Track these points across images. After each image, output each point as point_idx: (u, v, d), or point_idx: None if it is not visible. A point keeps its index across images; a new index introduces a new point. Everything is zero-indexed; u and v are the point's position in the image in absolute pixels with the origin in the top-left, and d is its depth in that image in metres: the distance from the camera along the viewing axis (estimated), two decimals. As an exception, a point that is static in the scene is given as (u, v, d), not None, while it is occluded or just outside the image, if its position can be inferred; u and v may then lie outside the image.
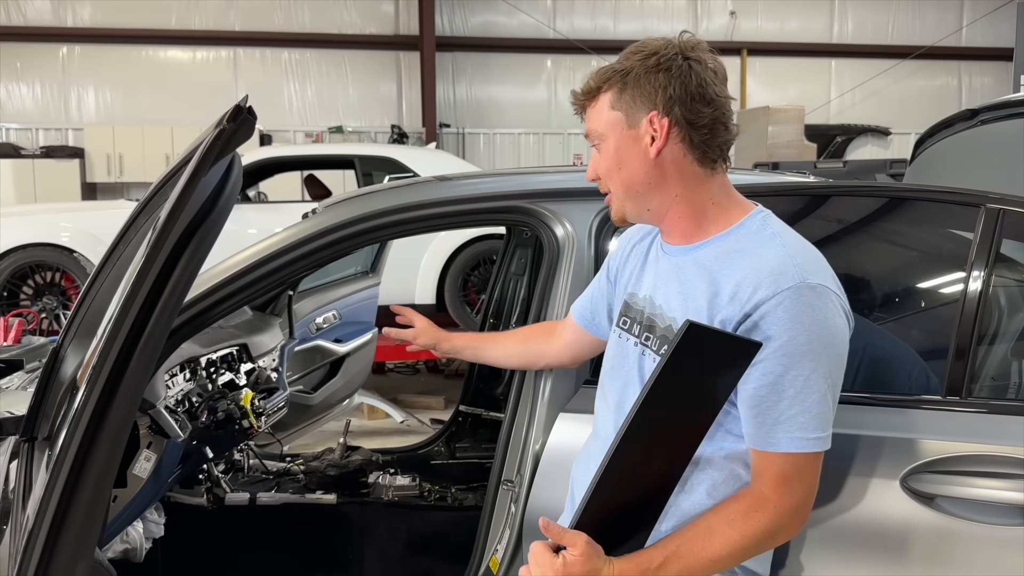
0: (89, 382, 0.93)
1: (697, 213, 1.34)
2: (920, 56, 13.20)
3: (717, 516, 1.23)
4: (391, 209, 2.00)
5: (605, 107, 1.33)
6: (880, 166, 8.14)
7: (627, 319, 1.45)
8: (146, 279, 0.92)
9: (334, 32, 12.14)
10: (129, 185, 11.30)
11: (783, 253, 1.25)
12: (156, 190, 1.34)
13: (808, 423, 1.21)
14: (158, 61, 11.96)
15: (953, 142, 3.33)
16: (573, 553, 1.14)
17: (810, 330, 1.19)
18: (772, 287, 1.20)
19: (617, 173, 1.35)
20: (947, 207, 1.74)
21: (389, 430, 6.25)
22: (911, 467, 1.48)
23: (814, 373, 1.20)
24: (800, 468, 1.23)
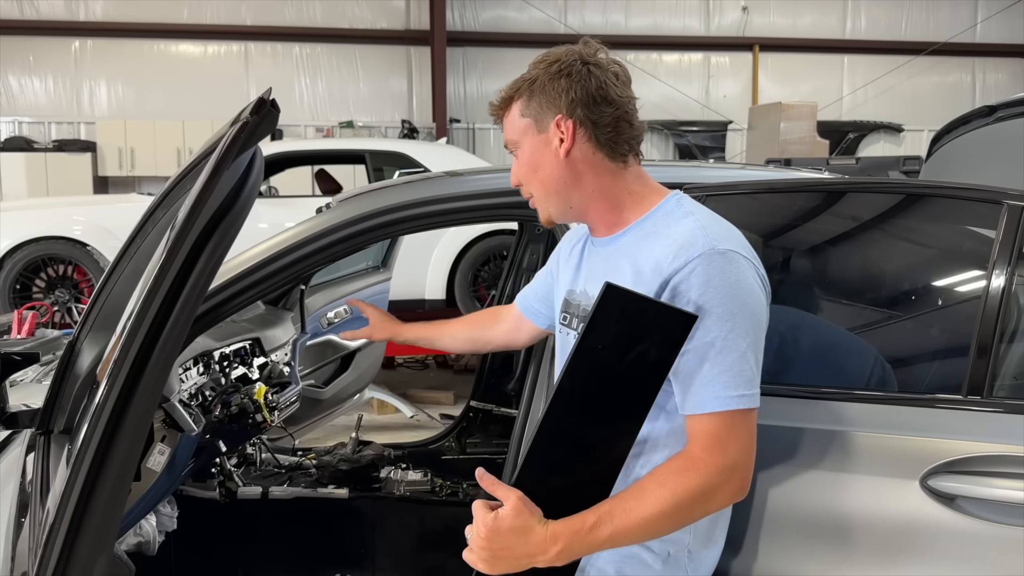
0: (110, 376, 0.93)
1: (615, 205, 1.42)
2: (934, 52, 13.11)
3: (650, 478, 1.26)
4: (404, 204, 2.00)
5: (516, 115, 1.42)
6: (893, 163, 8.07)
7: (567, 315, 1.52)
8: (168, 273, 0.91)
9: (345, 27, 12.14)
10: (141, 179, 11.33)
11: (694, 226, 1.32)
12: (175, 183, 1.34)
13: (731, 381, 1.25)
14: (170, 55, 11.98)
15: (970, 139, 3.30)
16: (505, 508, 1.18)
17: (723, 293, 1.25)
18: (684, 257, 1.28)
19: (534, 176, 1.42)
20: (967, 204, 1.72)
21: (399, 425, 6.25)
22: (931, 467, 1.46)
23: (731, 333, 1.25)
24: (730, 427, 1.25)
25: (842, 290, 1.99)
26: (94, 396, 0.96)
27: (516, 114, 1.42)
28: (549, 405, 1.17)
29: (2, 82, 11.72)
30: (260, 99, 0.98)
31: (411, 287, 6.60)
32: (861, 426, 1.54)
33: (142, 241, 1.39)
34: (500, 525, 1.17)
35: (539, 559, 1.19)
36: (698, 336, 1.24)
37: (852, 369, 1.78)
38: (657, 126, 12.81)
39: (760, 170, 2.52)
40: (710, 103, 13.12)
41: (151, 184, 11.03)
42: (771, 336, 1.36)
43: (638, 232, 1.39)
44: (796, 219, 2.04)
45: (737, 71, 13.30)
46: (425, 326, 2.10)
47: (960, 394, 1.53)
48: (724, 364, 1.25)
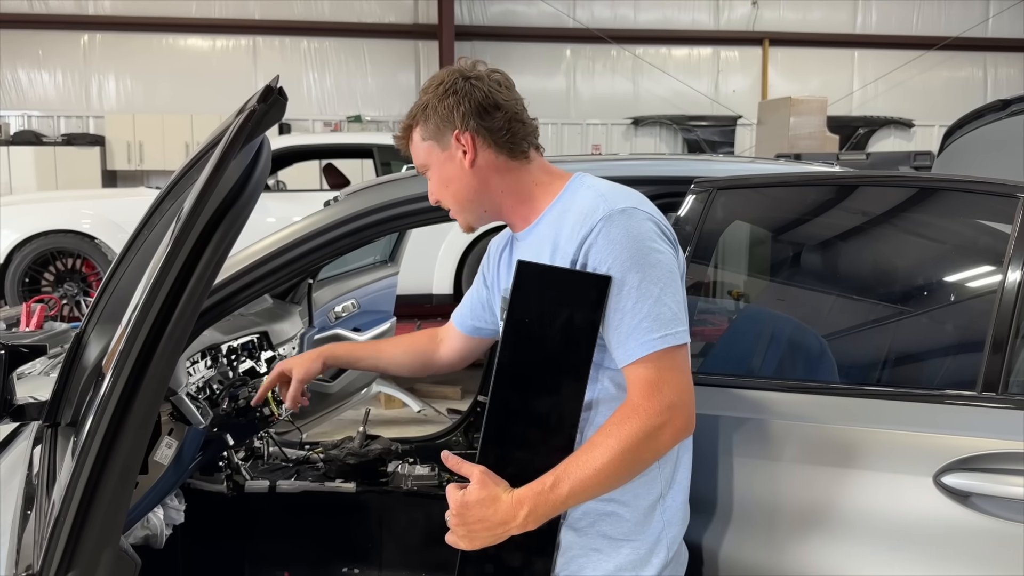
0: (116, 369, 0.92)
1: (526, 198, 1.50)
2: (945, 47, 13.02)
3: (598, 432, 1.32)
4: (412, 198, 1.99)
5: (419, 140, 1.51)
6: (904, 158, 8.01)
7: (503, 311, 1.54)
8: (174, 265, 0.90)
9: (353, 21, 12.13)
10: (149, 173, 11.36)
11: (594, 195, 1.40)
12: (182, 174, 1.33)
13: (651, 325, 1.32)
14: (178, 49, 12.00)
15: (983, 133, 3.28)
16: (471, 483, 1.30)
17: (627, 246, 1.33)
18: (589, 223, 1.35)
19: (447, 191, 1.51)
20: (982, 198, 1.70)
21: (406, 419, 6.25)
22: (945, 464, 1.45)
23: (644, 282, 1.32)
24: (660, 368, 1.32)
25: (855, 285, 1.97)
26: (100, 388, 0.95)
27: (418, 139, 1.51)
28: (493, 382, 1.24)
29: (11, 76, 11.76)
30: (267, 87, 0.97)
31: (419, 281, 6.60)
32: (874, 422, 1.52)
33: (148, 233, 1.38)
34: (468, 499, 1.29)
35: (512, 526, 1.28)
36: (614, 292, 1.32)
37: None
38: (666, 121, 12.76)
39: (771, 164, 2.50)
40: (719, 98, 13.06)
41: (159, 178, 11.06)
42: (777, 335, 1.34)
43: (550, 216, 1.47)
44: (807, 213, 2.02)
45: (746, 66, 13.24)
46: (360, 347, 2.16)
47: (975, 390, 1.51)
48: (643, 312, 1.32)
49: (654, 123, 12.80)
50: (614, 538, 1.41)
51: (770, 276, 2.21)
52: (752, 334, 1.95)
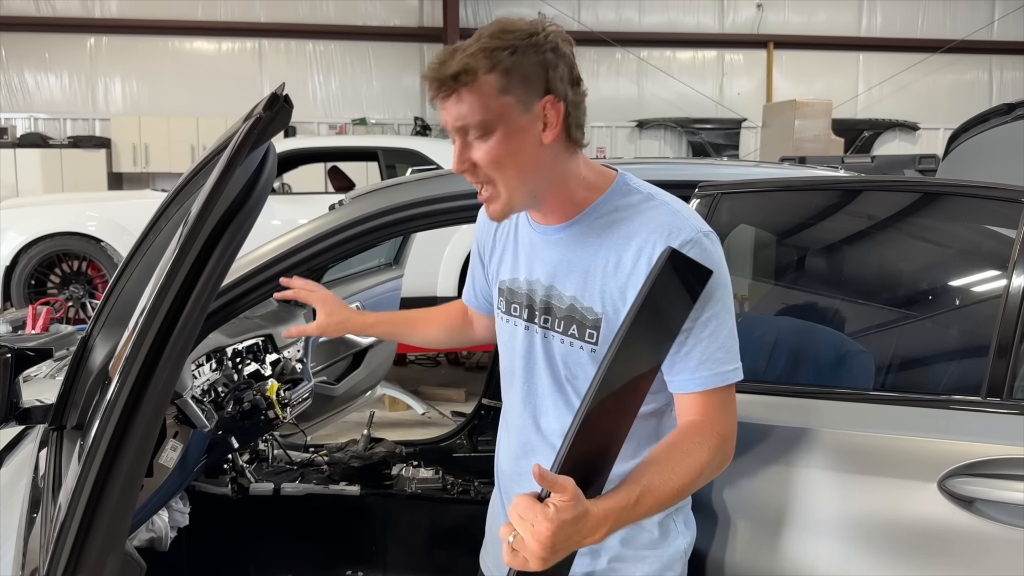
0: (122, 373, 0.92)
1: (574, 191, 1.35)
2: (950, 50, 12.99)
3: (675, 449, 1.24)
4: (418, 201, 2.00)
5: (491, 92, 1.22)
6: (909, 161, 7.99)
7: (514, 304, 1.45)
8: (180, 269, 0.91)
9: (358, 24, 12.16)
10: (154, 175, 11.40)
11: (668, 210, 1.31)
12: (188, 179, 1.33)
13: (725, 357, 1.29)
14: (184, 52, 12.04)
15: (988, 137, 3.27)
16: (563, 498, 1.07)
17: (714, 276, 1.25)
18: (675, 242, 1.25)
19: (510, 163, 1.26)
20: (987, 203, 1.69)
21: (410, 422, 6.25)
22: (949, 469, 1.44)
23: (721, 311, 1.28)
24: (725, 399, 1.30)
25: (859, 289, 1.97)
26: (106, 392, 0.96)
27: (492, 87, 1.22)
28: (596, 391, 1.11)
29: (18, 79, 11.81)
30: (273, 95, 0.97)
31: (423, 284, 6.60)
32: (878, 427, 1.52)
33: (155, 237, 1.38)
34: (563, 516, 1.06)
35: (587, 540, 1.12)
36: (693, 317, 1.26)
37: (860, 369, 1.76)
38: (670, 123, 12.76)
39: (775, 168, 2.50)
40: (724, 100, 13.06)
41: (165, 180, 11.09)
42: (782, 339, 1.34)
43: (596, 218, 1.34)
44: (812, 217, 2.02)
45: (751, 68, 13.23)
46: (390, 319, 1.96)
47: (979, 395, 1.51)
48: (719, 341, 1.28)
49: (659, 126, 12.80)
50: (638, 549, 1.39)
51: (775, 280, 2.21)
52: (755, 338, 1.95)
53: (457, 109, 1.23)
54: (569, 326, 1.36)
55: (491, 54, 1.21)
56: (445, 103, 1.24)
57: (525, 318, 1.42)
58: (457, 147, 1.26)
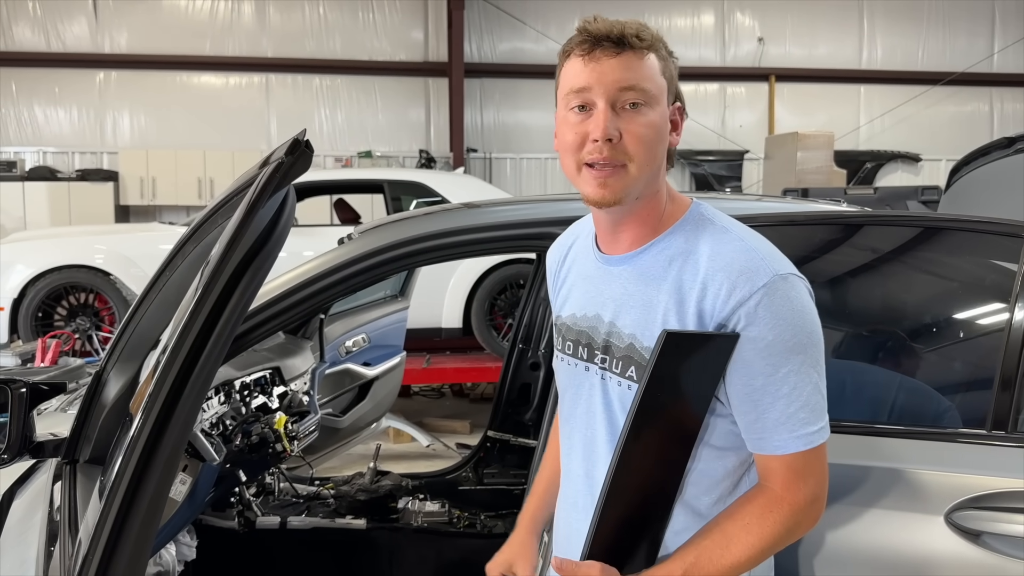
0: (144, 410, 0.94)
1: (659, 207, 1.26)
2: (951, 82, 13.11)
3: (732, 522, 1.19)
4: (426, 235, 2.03)
5: (655, 69, 1.20)
6: (911, 193, 8.06)
7: (570, 343, 1.36)
8: (202, 309, 0.93)
9: (364, 59, 12.31)
10: (161, 208, 11.48)
11: (743, 247, 1.20)
12: (206, 218, 1.36)
13: (808, 417, 1.17)
14: (192, 86, 12.19)
15: (990, 170, 3.30)
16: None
17: (793, 324, 1.15)
18: (747, 286, 1.15)
19: (651, 146, 1.19)
20: (988, 237, 1.72)
21: (415, 454, 6.24)
22: (956, 502, 1.45)
23: (803, 365, 1.16)
24: (808, 461, 1.19)
25: (863, 323, 1.98)
26: (128, 429, 0.98)
27: (655, 67, 1.20)
28: (617, 467, 1.10)
29: (28, 113, 11.95)
30: (295, 140, 1.00)
31: (428, 316, 6.63)
32: (884, 460, 1.53)
33: (171, 274, 1.41)
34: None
35: None
36: (768, 372, 1.15)
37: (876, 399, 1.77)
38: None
39: (778, 202, 2.52)
40: (726, 132, 13.16)
41: (172, 213, 11.17)
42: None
43: (664, 250, 1.24)
44: (815, 252, 2.04)
45: (753, 101, 13.35)
46: (541, 505, 1.58)
47: (984, 428, 1.52)
48: (801, 400, 1.16)
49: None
50: None
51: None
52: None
53: (624, 71, 1.17)
54: (627, 367, 1.24)
55: (654, 38, 1.20)
56: (603, 59, 1.17)
57: (585, 357, 1.32)
58: (603, 113, 1.17)
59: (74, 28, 11.87)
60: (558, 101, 1.26)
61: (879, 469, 1.53)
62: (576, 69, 1.19)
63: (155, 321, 1.46)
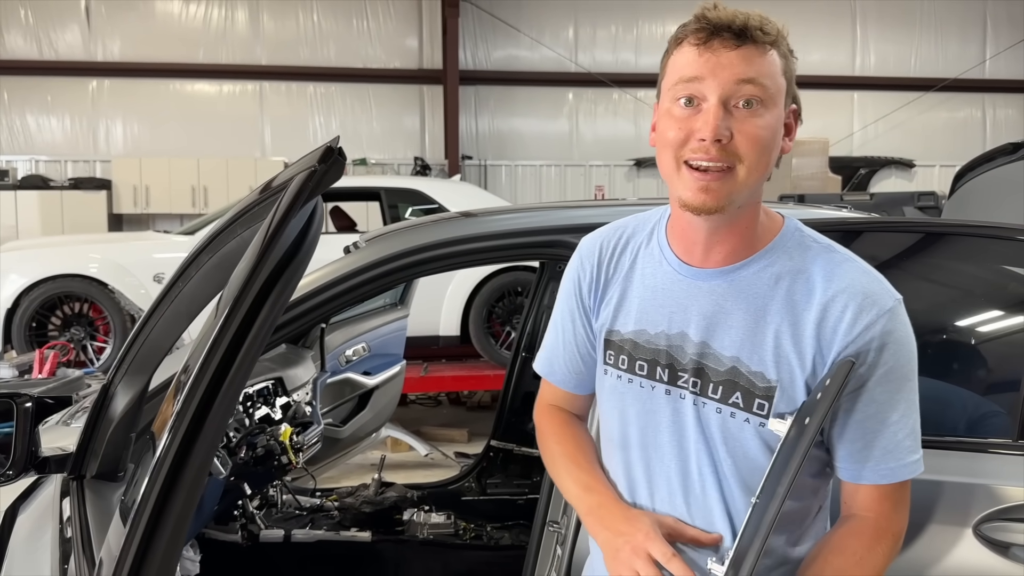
0: (171, 430, 0.90)
1: (758, 220, 1.17)
2: (943, 88, 13.16)
3: (844, 558, 1.11)
4: (440, 243, 2.00)
5: (776, 67, 1.12)
6: (907, 198, 8.03)
7: (641, 362, 1.21)
8: (231, 324, 0.89)
9: (359, 66, 12.28)
10: (155, 216, 11.41)
11: (859, 269, 1.14)
12: (223, 228, 1.32)
13: (912, 445, 1.13)
14: (185, 94, 12.14)
15: (994, 176, 3.30)
16: None
17: (909, 350, 1.12)
18: (874, 310, 1.09)
19: (765, 150, 1.10)
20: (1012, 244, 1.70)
21: (413, 463, 6.20)
22: (984, 514, 1.43)
23: (912, 392, 1.13)
24: (905, 490, 1.16)
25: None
26: (151, 450, 0.94)
27: (776, 65, 1.11)
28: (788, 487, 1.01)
29: (20, 121, 11.88)
30: (328, 148, 0.96)
31: (425, 324, 6.59)
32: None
33: (183, 285, 1.37)
34: None
35: None
36: (883, 399, 1.10)
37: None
38: (668, 162, 12.86)
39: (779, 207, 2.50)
40: (721, 139, 13.15)
41: (165, 221, 11.11)
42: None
43: (769, 266, 1.15)
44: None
45: (747, 108, 13.35)
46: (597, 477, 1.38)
47: (1011, 438, 1.49)
48: (908, 427, 1.13)
49: (656, 165, 12.89)
50: None
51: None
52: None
53: (743, 65, 1.08)
54: (730, 393, 1.14)
55: (776, 32, 1.12)
56: (721, 50, 1.08)
57: (665, 379, 1.19)
58: (716, 110, 1.07)
59: (67, 36, 11.81)
60: (661, 92, 1.16)
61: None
62: (688, 58, 1.10)
63: (166, 334, 1.43)
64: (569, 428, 1.37)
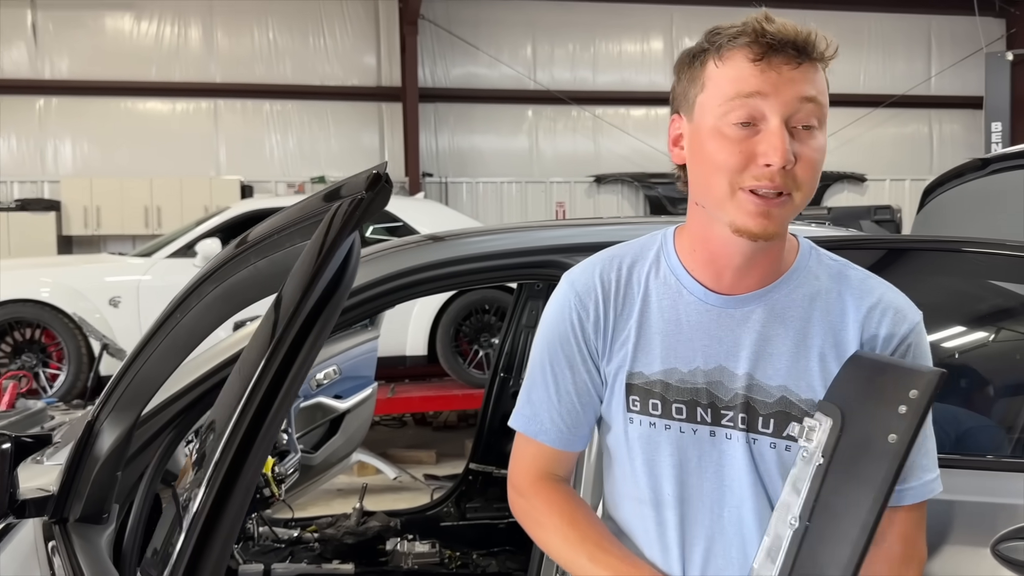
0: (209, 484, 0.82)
1: (786, 241, 1.13)
2: (891, 105, 13.51)
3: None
4: (428, 265, 1.94)
5: (824, 84, 1.05)
6: (864, 212, 8.19)
7: (678, 405, 1.10)
8: (271, 370, 0.82)
9: (316, 84, 12.17)
10: (107, 238, 11.12)
11: (884, 284, 1.12)
12: (232, 256, 1.25)
13: (931, 463, 1.11)
14: (137, 113, 11.88)
15: (963, 191, 3.34)
16: None
17: (930, 364, 1.10)
18: (906, 324, 1.08)
19: (818, 171, 1.05)
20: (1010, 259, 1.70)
21: (381, 487, 6.08)
22: (1002, 534, 1.41)
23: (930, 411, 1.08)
24: (924, 512, 1.12)
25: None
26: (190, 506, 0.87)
27: (825, 82, 1.05)
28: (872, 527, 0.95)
29: (-37, 142, 11.52)
30: (376, 174, 0.90)
31: (391, 344, 6.49)
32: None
33: (182, 316, 1.29)
34: None
35: None
36: None
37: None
38: (627, 179, 12.96)
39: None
40: (678, 156, 13.30)
41: (118, 243, 10.84)
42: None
43: (800, 286, 1.11)
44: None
45: (703, 124, 13.53)
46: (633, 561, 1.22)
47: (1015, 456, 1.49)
48: (928, 445, 1.10)
49: (616, 181, 13.00)
50: None
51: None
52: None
53: (805, 84, 1.01)
54: (783, 425, 1.07)
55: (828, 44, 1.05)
56: (782, 67, 1.01)
57: (709, 420, 1.09)
58: (782, 133, 1.00)
59: (12, 53, 11.48)
60: (703, 107, 1.06)
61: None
62: (743, 71, 1.01)
63: (160, 367, 1.34)
64: (578, 504, 1.19)
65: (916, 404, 0.96)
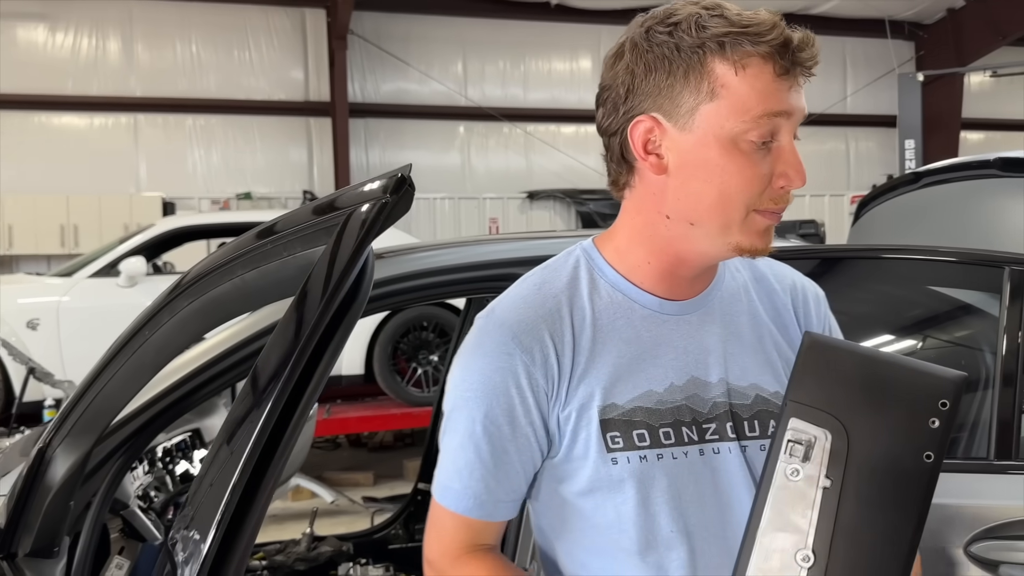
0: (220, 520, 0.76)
1: None
2: (810, 123, 13.92)
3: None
4: (399, 277, 1.89)
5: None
6: (790, 226, 8.49)
7: (665, 429, 0.99)
8: (289, 386, 0.76)
9: (241, 98, 11.90)
10: (19, 258, 10.60)
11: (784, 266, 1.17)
12: (211, 269, 1.17)
13: None
14: (52, 128, 11.39)
15: (896, 204, 3.46)
16: None
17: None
18: (823, 302, 1.14)
19: None
20: (968, 268, 1.75)
21: (319, 512, 5.92)
22: (973, 534, 1.44)
23: None
24: None
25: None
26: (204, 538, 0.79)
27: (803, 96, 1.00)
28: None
29: None
30: (400, 177, 0.84)
31: (327, 363, 6.35)
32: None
33: (151, 333, 1.20)
34: None
35: None
36: None
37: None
38: (559, 195, 13.07)
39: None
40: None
41: (31, 263, 10.34)
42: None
43: (730, 279, 1.09)
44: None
45: (631, 141, 13.77)
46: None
47: (990, 458, 1.53)
48: None
49: (548, 197, 13.08)
50: None
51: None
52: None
53: (803, 99, 0.97)
54: (766, 425, 1.02)
55: None
56: (795, 84, 0.95)
57: (695, 439, 1.00)
58: (796, 153, 0.96)
59: (-85, 65, 10.90)
60: (711, 118, 0.94)
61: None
62: (771, 86, 0.92)
63: (122, 389, 1.25)
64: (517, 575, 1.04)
65: (948, 416, 0.83)
